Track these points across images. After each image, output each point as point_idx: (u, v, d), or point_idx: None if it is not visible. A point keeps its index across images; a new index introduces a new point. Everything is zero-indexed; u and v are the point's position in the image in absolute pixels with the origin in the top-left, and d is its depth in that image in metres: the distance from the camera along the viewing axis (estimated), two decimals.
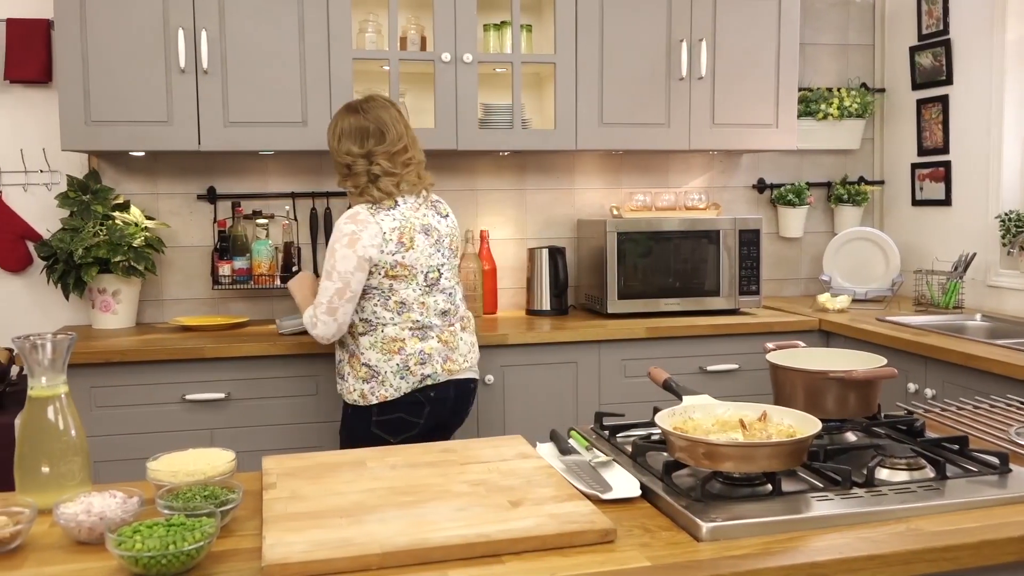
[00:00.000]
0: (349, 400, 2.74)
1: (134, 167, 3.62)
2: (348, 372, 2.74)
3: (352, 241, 2.61)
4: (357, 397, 2.70)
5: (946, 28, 3.91)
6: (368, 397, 2.69)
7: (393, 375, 2.68)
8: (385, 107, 2.78)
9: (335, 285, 2.63)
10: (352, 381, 2.72)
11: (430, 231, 2.75)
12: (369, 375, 2.68)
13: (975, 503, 1.46)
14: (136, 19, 3.21)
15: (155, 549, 1.21)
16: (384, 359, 2.67)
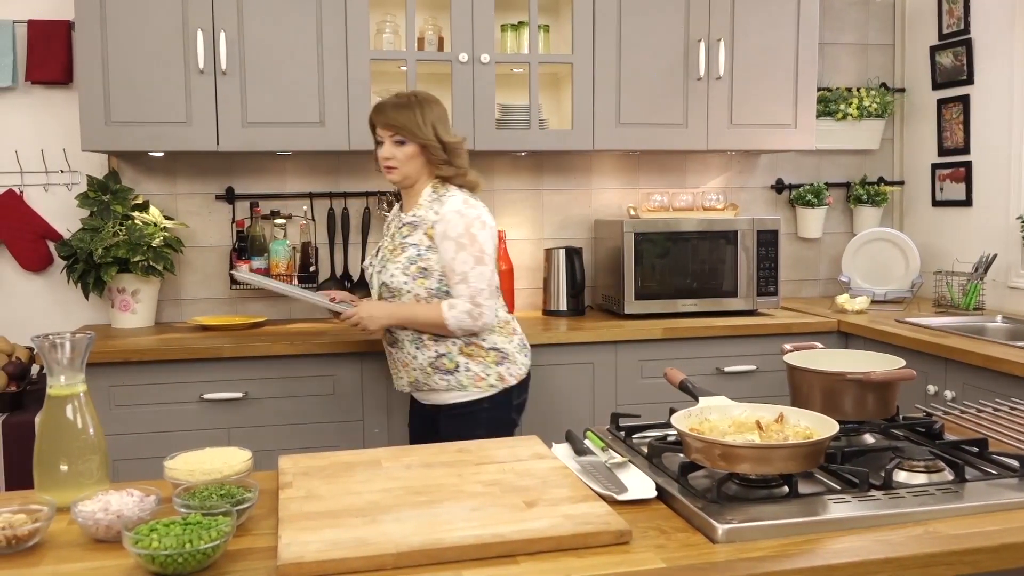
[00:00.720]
0: (482, 389, 2.67)
1: (153, 167, 3.65)
2: (468, 362, 2.66)
3: (484, 223, 2.63)
4: (495, 381, 2.67)
5: (967, 27, 3.88)
6: (507, 378, 2.69)
7: (518, 353, 2.74)
8: None
9: (489, 268, 2.62)
10: (481, 368, 2.66)
11: None
12: (500, 358, 2.69)
13: (994, 506, 1.45)
14: (155, 20, 3.23)
15: (171, 547, 1.22)
16: (506, 340, 2.72)
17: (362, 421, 3.23)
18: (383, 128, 2.67)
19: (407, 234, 2.67)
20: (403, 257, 2.65)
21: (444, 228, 2.60)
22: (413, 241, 2.65)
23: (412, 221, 2.67)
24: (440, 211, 2.61)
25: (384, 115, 2.66)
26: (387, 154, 2.65)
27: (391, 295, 2.69)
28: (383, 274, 2.69)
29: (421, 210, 2.66)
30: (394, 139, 2.65)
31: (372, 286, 2.80)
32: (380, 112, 2.68)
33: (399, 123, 2.63)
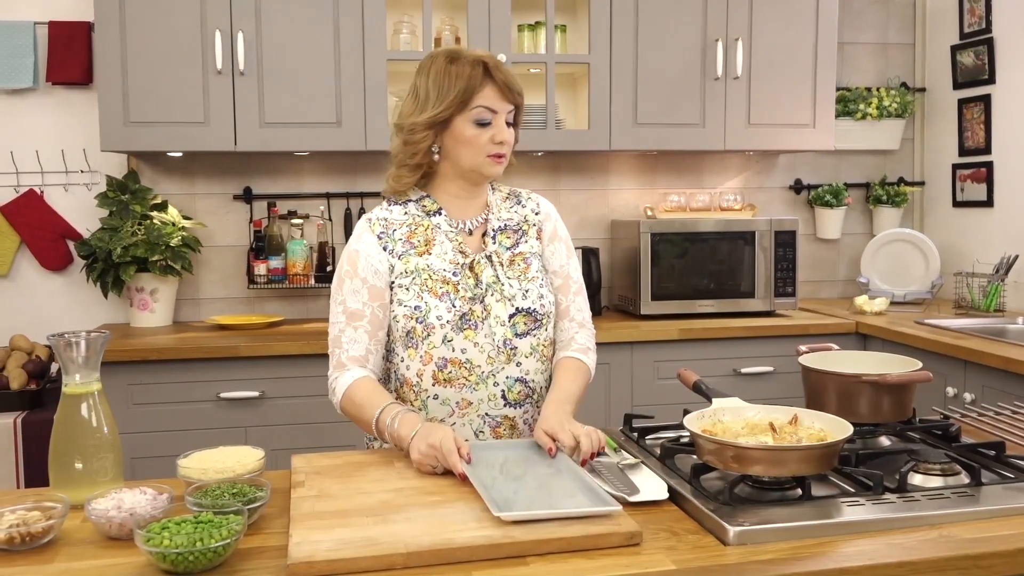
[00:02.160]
0: None
1: (172, 167, 3.67)
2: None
3: None
4: None
5: (989, 27, 3.84)
6: None
7: None
8: None
9: None
10: None
11: None
12: None
13: (1011, 510, 1.43)
14: (174, 22, 3.25)
15: (182, 546, 1.23)
16: None
17: None
18: (504, 98, 1.84)
19: (514, 242, 1.96)
20: (536, 271, 1.95)
21: (554, 228, 2.03)
22: (531, 248, 1.98)
23: (511, 226, 1.97)
24: (540, 209, 2.03)
25: (510, 75, 1.86)
26: (505, 137, 1.85)
27: (536, 326, 1.90)
28: (524, 298, 1.90)
29: (507, 211, 1.99)
30: (509, 116, 1.87)
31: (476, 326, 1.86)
32: (501, 70, 1.85)
33: (522, 96, 1.90)
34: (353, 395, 1.81)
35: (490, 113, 1.83)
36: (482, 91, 1.81)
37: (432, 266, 1.87)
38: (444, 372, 1.84)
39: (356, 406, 1.80)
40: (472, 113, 1.82)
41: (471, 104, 1.81)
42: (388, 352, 1.93)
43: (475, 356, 1.84)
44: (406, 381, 1.89)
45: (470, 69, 1.82)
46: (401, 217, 1.93)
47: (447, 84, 1.82)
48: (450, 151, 1.87)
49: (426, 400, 1.87)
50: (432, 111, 1.82)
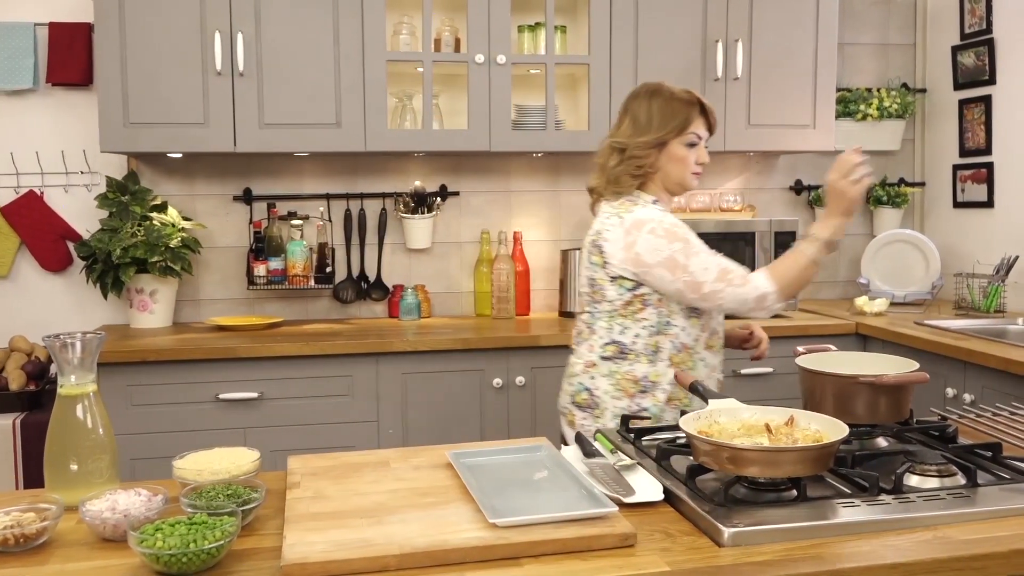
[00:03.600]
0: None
1: (172, 168, 3.67)
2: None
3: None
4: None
5: (989, 27, 3.83)
6: None
7: None
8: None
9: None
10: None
11: None
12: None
13: (1007, 511, 1.43)
14: (173, 23, 3.25)
15: (176, 547, 1.23)
16: None
17: (377, 422, 3.24)
18: (707, 129, 2.35)
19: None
20: None
21: None
22: None
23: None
24: None
25: (713, 114, 2.37)
26: (707, 158, 2.35)
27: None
28: None
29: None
30: (706, 143, 2.36)
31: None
32: (707, 106, 2.35)
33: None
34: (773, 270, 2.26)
35: (698, 138, 2.31)
36: (696, 121, 2.30)
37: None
38: (711, 339, 2.35)
39: (783, 271, 2.25)
40: (686, 137, 2.29)
41: (687, 130, 2.29)
42: (665, 324, 2.28)
43: (722, 329, 2.43)
44: (684, 347, 2.30)
45: (688, 102, 2.30)
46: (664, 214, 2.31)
47: (669, 112, 2.29)
48: (663, 166, 2.31)
49: (696, 362, 2.32)
50: (656, 133, 2.28)
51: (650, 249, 2.21)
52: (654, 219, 2.24)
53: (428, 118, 3.49)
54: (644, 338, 2.28)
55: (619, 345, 2.30)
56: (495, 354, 3.31)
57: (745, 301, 2.22)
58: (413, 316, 3.70)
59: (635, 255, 2.22)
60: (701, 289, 2.20)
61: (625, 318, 2.29)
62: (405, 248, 3.83)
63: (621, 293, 2.28)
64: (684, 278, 2.20)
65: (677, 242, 2.21)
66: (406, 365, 3.25)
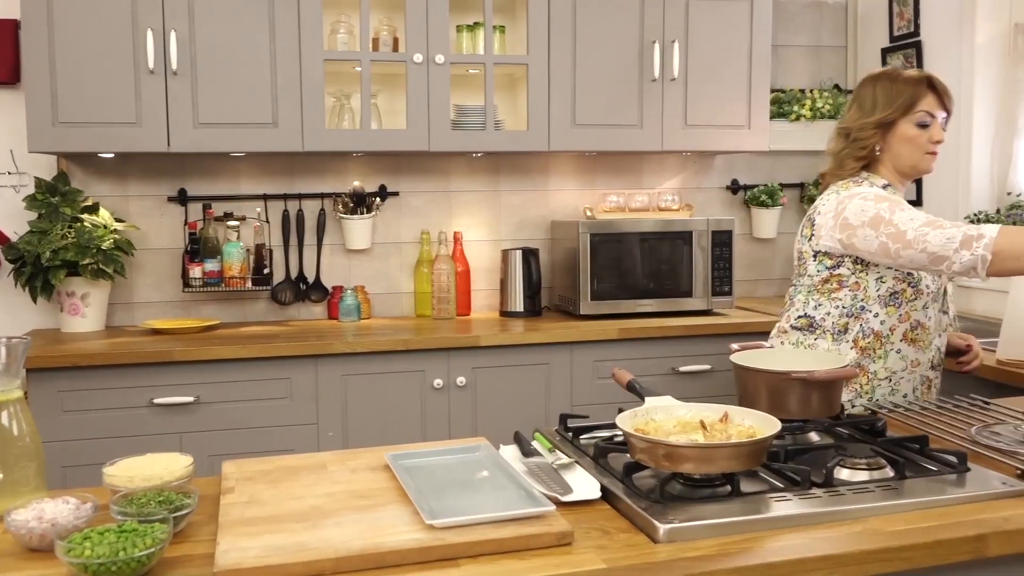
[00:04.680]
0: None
1: (104, 169, 3.60)
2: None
3: None
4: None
5: (917, 30, 3.93)
6: None
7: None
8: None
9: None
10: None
11: None
12: None
13: (932, 502, 1.47)
14: (104, 20, 3.18)
15: (104, 556, 1.20)
16: None
17: (317, 425, 3.21)
18: (941, 105, 2.29)
19: None
20: None
21: None
22: None
23: None
24: None
25: (945, 88, 2.30)
26: (942, 136, 2.29)
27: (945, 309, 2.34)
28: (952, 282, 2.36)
29: None
30: (944, 122, 2.30)
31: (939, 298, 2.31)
32: (937, 82, 2.30)
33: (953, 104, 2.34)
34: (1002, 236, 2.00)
35: (929, 117, 2.25)
36: (925, 99, 2.25)
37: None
38: (914, 332, 2.25)
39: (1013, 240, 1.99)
40: (915, 117, 2.24)
41: (915, 109, 2.23)
42: (859, 308, 2.26)
43: (931, 325, 2.28)
44: (876, 333, 2.25)
45: (915, 81, 2.26)
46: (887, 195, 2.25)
47: (895, 92, 2.26)
48: (892, 148, 2.28)
49: (888, 351, 2.26)
50: (880, 114, 2.25)
51: (857, 211, 2.19)
52: (868, 192, 2.23)
53: (366, 118, 3.47)
54: (834, 317, 2.29)
55: (810, 319, 2.33)
56: (436, 355, 3.30)
57: (951, 240, 2.04)
58: (353, 317, 3.68)
59: (843, 220, 2.21)
60: (905, 236, 2.10)
61: (821, 295, 2.31)
62: (344, 249, 3.80)
63: (820, 270, 2.31)
64: (888, 231, 2.13)
65: (884, 202, 2.17)
66: (346, 367, 3.23)
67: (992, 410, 2.03)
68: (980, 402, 2.10)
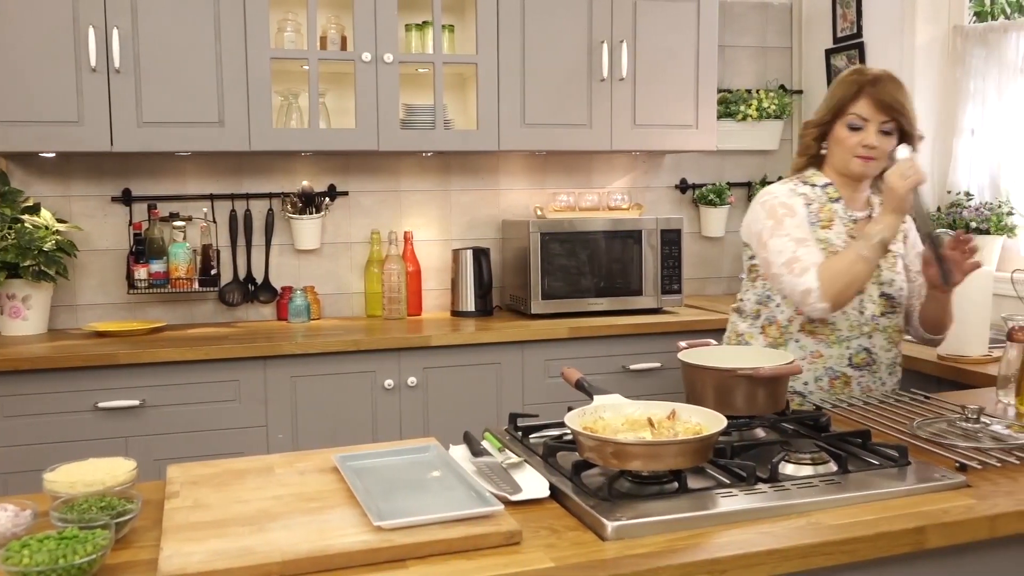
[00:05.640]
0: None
1: (45, 169, 3.52)
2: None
3: None
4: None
5: (859, 31, 4.00)
6: None
7: None
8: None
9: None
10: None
11: None
12: None
13: (874, 496, 1.50)
14: (44, 16, 3.11)
15: (44, 563, 1.18)
16: None
17: (266, 427, 3.18)
18: (879, 109, 2.21)
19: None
20: (900, 265, 2.34)
21: (914, 237, 2.38)
22: (898, 250, 2.35)
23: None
24: (906, 219, 2.31)
25: (886, 92, 2.21)
26: (874, 141, 2.21)
27: (891, 310, 2.32)
28: (889, 285, 2.30)
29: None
30: (884, 126, 2.22)
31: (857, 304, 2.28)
32: (879, 86, 2.22)
33: (904, 108, 2.22)
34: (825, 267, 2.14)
35: (861, 120, 2.23)
36: (858, 102, 2.23)
37: (830, 239, 2.28)
38: (811, 325, 2.28)
39: (834, 267, 2.13)
40: (846, 119, 2.24)
41: (846, 112, 2.24)
42: (767, 296, 2.36)
43: (840, 320, 2.27)
44: (777, 323, 2.33)
45: (852, 83, 2.25)
46: (813, 195, 2.33)
47: (832, 93, 2.30)
48: (830, 148, 2.31)
49: (788, 340, 2.32)
50: (818, 114, 2.32)
51: (751, 220, 2.36)
52: (774, 194, 2.33)
53: (315, 117, 3.44)
54: (751, 303, 2.42)
55: (740, 303, 2.48)
56: (386, 355, 3.28)
57: (793, 293, 2.20)
58: (302, 318, 3.64)
59: (745, 224, 2.40)
60: (770, 269, 2.26)
61: (749, 281, 2.45)
62: (293, 249, 3.77)
63: (746, 259, 2.45)
64: (762, 255, 2.29)
65: (771, 220, 2.27)
66: (295, 368, 3.20)
67: (933, 405, 2.08)
68: (921, 397, 2.15)
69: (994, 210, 3.50)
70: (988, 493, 1.52)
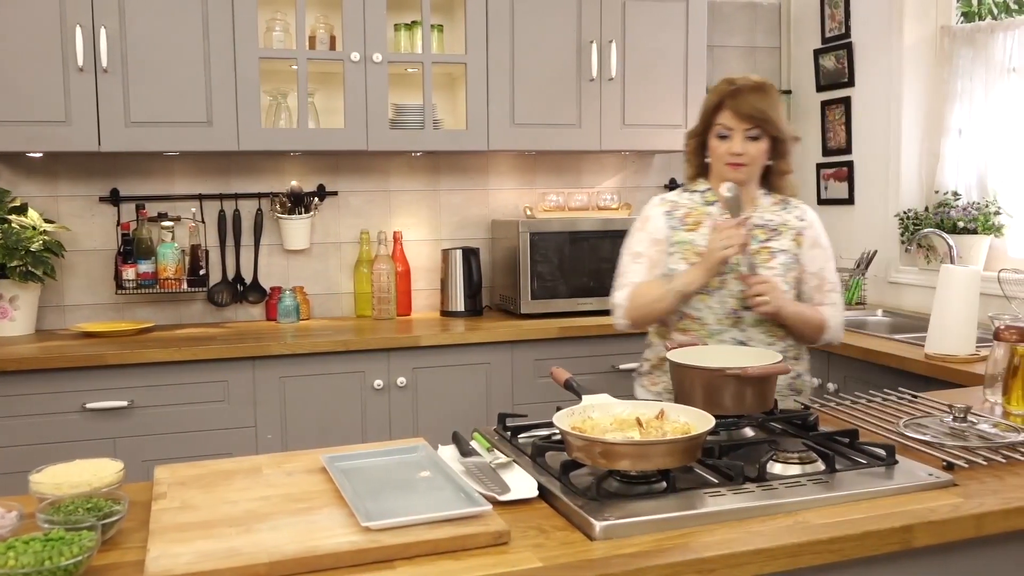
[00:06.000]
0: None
1: (33, 169, 3.50)
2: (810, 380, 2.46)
3: None
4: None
5: (848, 31, 4.01)
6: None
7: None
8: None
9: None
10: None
11: None
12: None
13: (861, 495, 1.50)
14: (31, 15, 3.10)
15: (29, 565, 1.17)
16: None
17: (255, 428, 3.17)
18: (740, 118, 2.25)
19: (767, 238, 2.30)
20: (777, 263, 2.29)
21: (815, 236, 2.36)
22: (782, 247, 2.31)
23: (768, 224, 2.32)
24: (805, 217, 2.36)
25: (745, 102, 2.25)
26: (738, 148, 2.25)
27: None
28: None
29: (770, 214, 2.33)
30: (749, 133, 2.25)
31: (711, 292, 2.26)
32: (738, 97, 2.26)
33: (765, 115, 2.25)
34: (635, 290, 2.30)
35: (726, 130, 2.27)
36: (722, 112, 2.28)
37: (694, 241, 2.31)
38: (682, 324, 2.31)
39: (640, 295, 2.29)
40: (715, 129, 2.30)
41: (713, 122, 2.30)
42: None
43: (707, 316, 2.28)
44: (663, 321, 2.36)
45: (716, 92, 2.32)
46: (686, 202, 2.39)
47: (703, 104, 2.37)
48: (710, 155, 2.34)
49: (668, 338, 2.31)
50: (694, 126, 2.38)
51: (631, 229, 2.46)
52: (649, 206, 2.44)
53: (303, 117, 3.44)
54: None
55: None
56: (376, 355, 3.28)
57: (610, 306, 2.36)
58: (291, 318, 3.64)
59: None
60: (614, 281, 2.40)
61: None
62: (282, 249, 3.76)
63: None
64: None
65: (631, 236, 2.42)
66: (284, 369, 3.19)
67: (920, 404, 2.09)
68: (908, 395, 2.16)
69: (981, 210, 3.51)
70: (975, 492, 1.52)
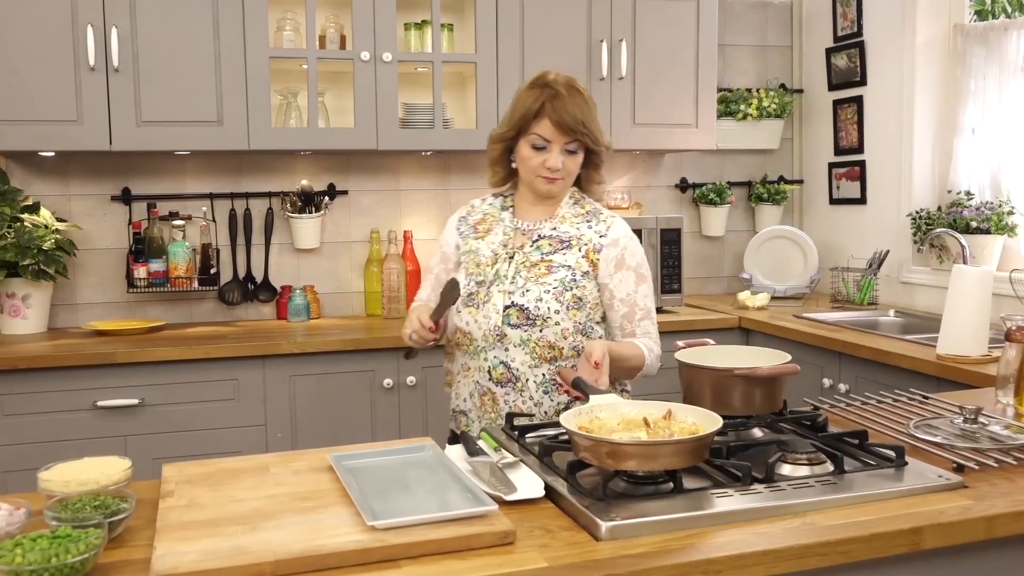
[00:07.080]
0: None
1: (44, 168, 3.52)
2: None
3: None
4: None
5: (860, 30, 3.99)
6: None
7: None
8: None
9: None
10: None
11: None
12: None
13: (870, 496, 1.49)
14: (43, 16, 3.11)
15: (36, 562, 1.18)
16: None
17: (265, 426, 3.18)
18: (561, 130, 2.05)
19: (552, 251, 2.12)
20: (553, 279, 2.09)
21: (620, 255, 2.12)
22: (566, 262, 2.11)
23: (560, 236, 2.14)
24: (608, 233, 2.14)
25: (566, 111, 2.04)
26: (556, 164, 2.07)
27: (528, 324, 2.07)
28: (522, 296, 2.08)
29: (568, 225, 2.15)
30: (568, 147, 2.08)
31: (479, 306, 2.12)
32: (558, 105, 2.04)
33: (585, 127, 2.07)
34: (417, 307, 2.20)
35: (544, 141, 2.08)
36: (540, 122, 2.07)
37: (479, 250, 2.19)
38: (455, 336, 2.19)
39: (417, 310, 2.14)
40: (529, 138, 2.09)
41: (528, 131, 2.09)
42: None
43: (474, 331, 2.13)
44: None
45: (535, 99, 2.07)
46: (485, 207, 2.28)
47: (515, 107, 2.12)
48: (518, 163, 2.15)
49: (452, 351, 2.25)
50: (503, 129, 2.15)
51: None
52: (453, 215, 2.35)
53: (314, 116, 3.44)
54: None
55: None
56: (386, 354, 3.28)
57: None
58: (302, 317, 3.64)
59: None
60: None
61: None
62: (293, 248, 3.77)
63: None
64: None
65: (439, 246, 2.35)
66: (294, 367, 3.20)
67: (931, 404, 2.07)
68: (919, 396, 2.14)
69: (995, 209, 3.49)
70: (985, 494, 1.51)
